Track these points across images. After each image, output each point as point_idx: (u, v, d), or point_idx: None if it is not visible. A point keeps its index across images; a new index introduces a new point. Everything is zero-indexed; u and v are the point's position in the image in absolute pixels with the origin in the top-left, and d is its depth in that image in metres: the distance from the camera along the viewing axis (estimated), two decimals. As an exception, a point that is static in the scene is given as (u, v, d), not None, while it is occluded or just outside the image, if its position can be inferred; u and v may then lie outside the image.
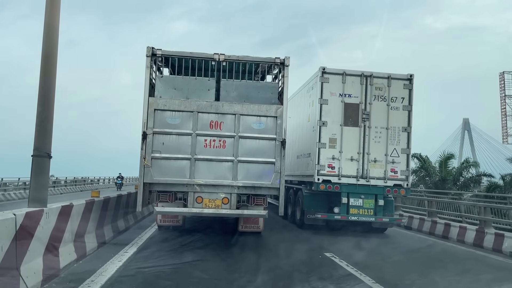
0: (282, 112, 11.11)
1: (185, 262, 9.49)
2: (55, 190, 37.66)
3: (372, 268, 9.51)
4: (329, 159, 14.75)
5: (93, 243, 9.92)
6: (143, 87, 10.96)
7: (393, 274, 9.49)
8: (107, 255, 9.53)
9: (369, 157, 14.84)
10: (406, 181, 15.02)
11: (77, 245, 8.79)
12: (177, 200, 11.27)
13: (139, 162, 11.08)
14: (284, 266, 9.68)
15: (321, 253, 11.27)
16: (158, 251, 10.83)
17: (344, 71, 15.01)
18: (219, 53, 11.16)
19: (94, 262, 8.82)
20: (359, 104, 14.91)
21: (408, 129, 15.01)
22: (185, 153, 11.04)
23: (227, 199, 11.09)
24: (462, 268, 10.99)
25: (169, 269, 8.86)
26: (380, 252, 12.39)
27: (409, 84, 15.12)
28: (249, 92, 11.34)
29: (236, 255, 10.81)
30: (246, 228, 12.43)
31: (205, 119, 11.06)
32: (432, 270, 10.03)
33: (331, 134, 14.77)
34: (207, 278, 8.32)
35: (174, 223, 12.63)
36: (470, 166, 35.00)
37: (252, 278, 8.26)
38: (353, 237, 14.41)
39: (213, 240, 12.47)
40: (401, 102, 15.02)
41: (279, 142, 11.05)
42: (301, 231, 15.83)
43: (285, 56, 11.25)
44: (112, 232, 11.58)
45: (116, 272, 8.20)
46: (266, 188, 11.14)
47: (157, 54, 11.16)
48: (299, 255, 11.23)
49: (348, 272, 9.08)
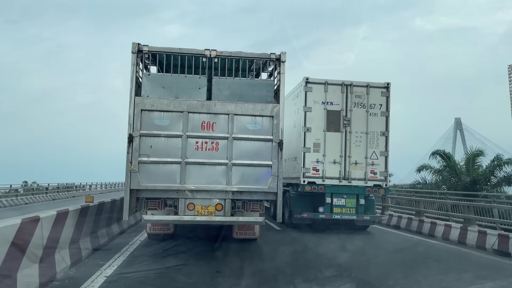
0: (278, 111, 8.07)
1: (169, 267, 7.35)
2: (33, 197, 28.08)
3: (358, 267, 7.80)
4: (314, 162, 12.60)
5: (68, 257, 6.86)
6: (129, 86, 7.79)
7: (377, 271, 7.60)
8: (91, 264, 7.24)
9: (350, 160, 12.70)
10: (385, 181, 12.85)
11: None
12: (167, 207, 8.14)
13: (125, 166, 7.86)
14: (269, 269, 7.57)
15: (308, 253, 8.92)
16: (141, 256, 8.20)
17: (326, 81, 12.81)
18: (211, 49, 8.10)
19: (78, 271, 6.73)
20: (341, 111, 12.71)
21: (386, 133, 12.82)
22: (175, 156, 7.96)
23: (220, 205, 7.99)
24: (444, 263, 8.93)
25: (153, 274, 6.89)
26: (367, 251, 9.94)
27: (386, 91, 12.88)
28: (243, 90, 8.28)
29: (220, 259, 8.20)
30: (241, 235, 9.27)
31: (196, 119, 7.98)
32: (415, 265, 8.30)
33: (315, 139, 12.63)
34: (191, 282, 6.55)
35: (165, 231, 9.35)
36: (504, 163, 22.41)
37: (236, 282, 6.49)
38: (338, 236, 12.09)
39: (197, 244, 9.46)
40: (379, 109, 12.81)
41: (276, 143, 8.03)
42: (289, 230, 12.98)
43: (281, 52, 8.18)
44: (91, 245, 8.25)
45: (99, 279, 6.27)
46: (262, 193, 8.09)
47: (144, 50, 8.06)
48: (284, 256, 8.68)
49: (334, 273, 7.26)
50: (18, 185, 29.60)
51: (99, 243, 8.70)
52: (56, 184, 33.63)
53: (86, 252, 7.72)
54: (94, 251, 8.14)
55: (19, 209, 21.52)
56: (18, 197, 26.34)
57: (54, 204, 21.91)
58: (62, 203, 21.06)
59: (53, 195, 30.89)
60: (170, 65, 8.47)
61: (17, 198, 25.88)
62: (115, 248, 8.77)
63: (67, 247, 6.89)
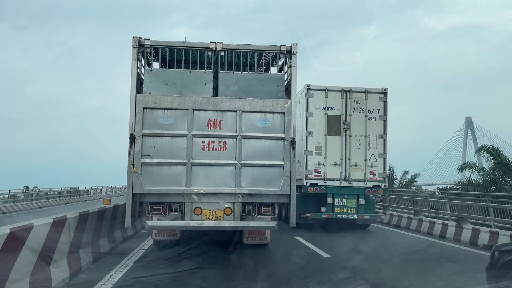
0: (290, 107, 5.97)
1: (183, 271, 5.66)
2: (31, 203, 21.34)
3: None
4: (316, 165, 10.79)
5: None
6: (129, 83, 5.73)
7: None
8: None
9: (350, 162, 10.84)
10: (383, 182, 10.96)
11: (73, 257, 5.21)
12: (172, 212, 6.04)
13: (126, 169, 5.77)
14: (282, 272, 5.87)
15: (319, 256, 7.02)
16: (157, 260, 6.40)
17: (327, 87, 10.96)
18: (216, 41, 6.04)
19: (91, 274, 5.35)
20: (340, 116, 10.87)
21: (384, 137, 10.89)
22: (180, 157, 5.90)
23: (230, 209, 5.89)
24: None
25: (167, 278, 5.34)
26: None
27: (383, 96, 10.97)
28: (252, 85, 6.17)
29: (234, 262, 6.44)
30: (252, 240, 7.04)
31: (202, 117, 5.92)
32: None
33: (316, 142, 10.81)
34: (206, 286, 5.12)
35: (171, 236, 7.09)
36: None
37: (251, 285, 5.13)
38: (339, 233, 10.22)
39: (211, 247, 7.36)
40: (377, 113, 10.89)
41: (288, 142, 5.95)
42: (296, 230, 10.73)
43: (292, 43, 6.08)
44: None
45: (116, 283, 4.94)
46: (274, 195, 5.99)
47: (145, 44, 6.01)
48: (297, 259, 6.79)
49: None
50: (34, 189, 25.33)
51: (115, 243, 6.90)
52: (68, 188, 27.51)
53: (104, 251, 6.33)
54: (110, 252, 6.50)
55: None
56: (33, 201, 22.04)
57: (70, 207, 19.34)
58: (76, 206, 18.39)
59: (65, 199, 25.56)
60: (173, 60, 6.42)
61: (32, 202, 21.45)
62: (128, 250, 6.91)
63: (83, 249, 5.66)
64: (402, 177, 23.17)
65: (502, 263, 3.66)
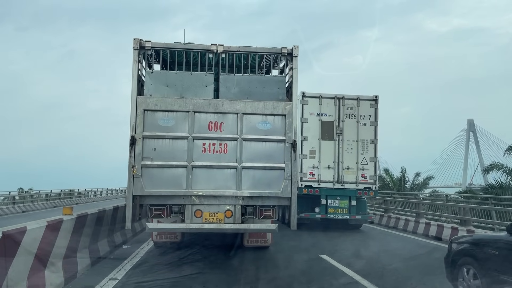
0: (291, 109, 5.18)
1: (184, 276, 4.76)
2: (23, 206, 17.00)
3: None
4: (310, 168, 10.01)
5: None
6: (130, 85, 4.89)
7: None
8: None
9: (343, 165, 10.08)
10: (374, 184, 10.13)
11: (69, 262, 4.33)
12: (173, 214, 5.21)
13: (127, 171, 4.90)
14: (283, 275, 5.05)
15: (320, 258, 6.05)
16: (157, 265, 5.36)
17: (321, 95, 10.20)
18: (217, 43, 5.23)
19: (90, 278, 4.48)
20: (334, 122, 10.09)
21: (374, 141, 10.12)
22: (180, 159, 5.09)
23: (230, 212, 5.05)
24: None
25: (169, 283, 4.48)
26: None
27: (374, 103, 10.19)
28: (253, 88, 5.28)
29: (235, 267, 5.42)
30: (253, 242, 6.15)
31: (202, 119, 5.11)
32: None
33: (311, 147, 10.05)
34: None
35: (172, 239, 6.19)
36: None
37: None
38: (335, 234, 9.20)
39: (212, 252, 6.36)
40: (368, 119, 10.11)
41: (289, 144, 5.14)
42: (296, 232, 9.69)
43: (293, 46, 5.30)
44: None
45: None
46: (275, 198, 5.14)
47: (146, 46, 5.20)
48: (298, 264, 5.78)
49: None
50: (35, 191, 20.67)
51: (114, 245, 6.01)
52: (59, 191, 22.42)
53: (103, 254, 5.47)
54: (108, 256, 5.56)
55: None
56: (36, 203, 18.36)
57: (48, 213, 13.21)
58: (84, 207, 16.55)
59: (54, 202, 20.34)
60: (174, 62, 5.62)
61: (14, 207, 16.67)
62: (127, 255, 5.91)
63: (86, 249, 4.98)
64: (414, 179, 20.34)
65: (454, 252, 3.93)
